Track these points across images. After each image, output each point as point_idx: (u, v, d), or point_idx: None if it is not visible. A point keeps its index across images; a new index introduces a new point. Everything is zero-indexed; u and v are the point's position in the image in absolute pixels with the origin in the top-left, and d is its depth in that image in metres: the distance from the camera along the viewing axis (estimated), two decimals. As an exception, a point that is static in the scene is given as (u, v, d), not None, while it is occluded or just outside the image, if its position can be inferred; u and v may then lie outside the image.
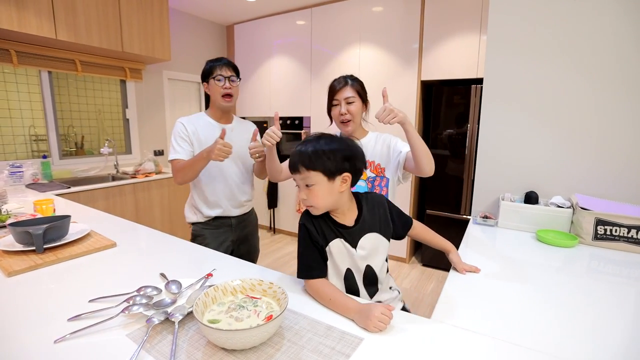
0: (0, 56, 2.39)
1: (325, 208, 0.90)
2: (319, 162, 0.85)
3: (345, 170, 0.88)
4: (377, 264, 0.98)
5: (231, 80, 1.51)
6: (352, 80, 1.31)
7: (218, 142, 1.31)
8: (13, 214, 1.51)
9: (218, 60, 1.52)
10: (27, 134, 2.82)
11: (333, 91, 1.32)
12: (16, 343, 0.70)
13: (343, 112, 1.29)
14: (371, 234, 0.96)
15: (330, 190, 0.87)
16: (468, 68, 2.79)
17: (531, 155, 1.65)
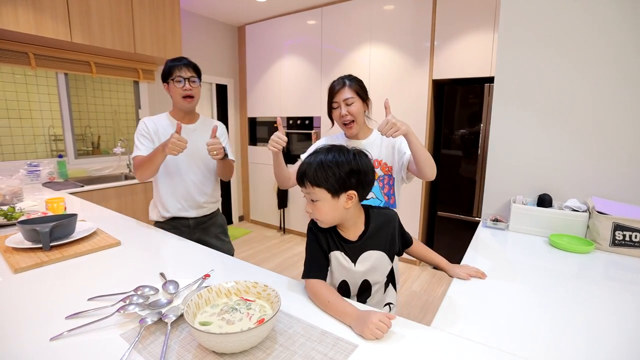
0: (19, 59, 2.48)
1: (330, 223, 0.90)
2: (323, 178, 0.83)
3: (350, 187, 0.85)
4: (375, 281, 0.98)
5: (191, 82, 1.49)
6: (350, 81, 1.28)
7: (173, 136, 1.31)
8: (26, 212, 1.56)
9: (178, 60, 1.49)
10: (47, 134, 2.92)
11: (332, 93, 1.30)
12: (13, 340, 0.71)
13: (344, 114, 1.27)
14: (374, 251, 0.95)
15: (334, 207, 0.86)
16: (481, 66, 2.72)
17: (545, 156, 1.59)
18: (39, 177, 2.55)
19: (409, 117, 3.08)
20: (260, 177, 4.37)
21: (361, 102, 1.29)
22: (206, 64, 3.97)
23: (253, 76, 4.19)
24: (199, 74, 1.53)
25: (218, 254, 1.23)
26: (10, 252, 1.14)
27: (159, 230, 1.46)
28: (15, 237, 1.22)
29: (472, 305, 0.91)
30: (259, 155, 4.33)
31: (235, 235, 4.13)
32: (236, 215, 4.62)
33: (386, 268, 0.99)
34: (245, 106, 4.36)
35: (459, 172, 3.01)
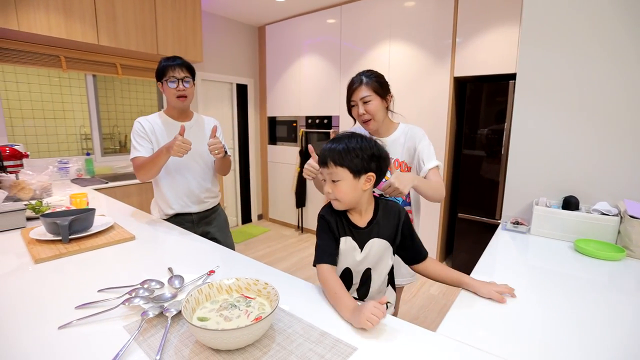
0: (51, 62, 2.62)
1: (348, 204, 0.93)
2: (347, 159, 0.88)
3: (370, 169, 0.91)
4: (377, 270, 0.99)
5: (185, 82, 1.49)
6: (368, 78, 1.25)
7: (177, 138, 1.31)
8: (52, 206, 1.64)
9: (172, 59, 1.49)
10: (78, 133, 3.08)
11: (350, 91, 1.27)
12: (25, 326, 0.74)
13: (361, 113, 1.25)
14: (380, 240, 0.97)
15: (354, 187, 0.90)
16: (506, 63, 2.60)
17: (571, 156, 1.49)
18: (68, 174, 2.68)
19: (428, 116, 3.00)
20: (279, 176, 4.40)
21: (379, 99, 1.25)
22: (227, 64, 4.04)
23: (273, 76, 4.22)
24: (192, 73, 1.53)
25: (226, 250, 1.24)
26: (34, 243, 1.20)
27: (172, 226, 1.49)
28: (38, 230, 1.28)
29: (484, 312, 0.86)
30: (278, 154, 4.36)
31: (254, 233, 4.18)
32: (255, 213, 4.68)
33: (387, 261, 0.99)
34: (265, 105, 4.40)
35: (481, 173, 2.90)
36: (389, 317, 0.81)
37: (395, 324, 0.78)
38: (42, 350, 0.66)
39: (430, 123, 3.00)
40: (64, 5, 2.32)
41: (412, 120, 3.22)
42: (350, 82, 1.27)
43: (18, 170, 1.82)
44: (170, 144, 1.33)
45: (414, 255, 1.00)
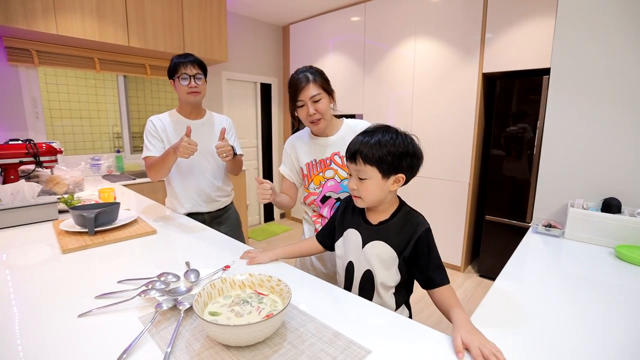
0: (86, 63, 2.76)
1: (371, 203, 0.89)
2: (378, 157, 0.83)
3: (401, 169, 0.85)
4: (380, 278, 0.92)
5: (197, 79, 1.48)
6: (314, 75, 1.16)
7: (183, 139, 1.30)
8: (82, 200, 1.71)
9: (183, 57, 1.48)
10: (110, 132, 3.23)
11: (296, 90, 1.16)
12: (48, 313, 0.77)
13: (312, 113, 1.15)
14: (385, 244, 0.89)
15: (381, 188, 0.86)
16: (539, 57, 2.45)
17: (611, 154, 1.37)
18: (100, 170, 2.81)
19: (455, 115, 2.89)
20: (301, 175, 4.40)
21: (327, 96, 1.18)
22: (251, 64, 4.10)
23: (296, 75, 4.23)
24: (204, 70, 1.52)
25: (244, 246, 1.24)
26: (63, 234, 1.25)
27: (192, 221, 1.52)
28: (68, 222, 1.34)
29: (510, 319, 0.80)
30: (299, 153, 4.36)
31: (275, 231, 4.21)
32: (278, 212, 4.71)
33: (393, 273, 0.90)
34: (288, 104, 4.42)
35: (511, 174, 2.75)
36: (405, 319, 0.77)
37: (411, 326, 0.74)
38: (62, 337, 0.68)
39: (457, 121, 2.89)
40: (98, 9, 2.43)
41: (438, 119, 3.14)
42: (295, 80, 1.17)
43: (53, 165, 1.92)
44: (177, 144, 1.32)
45: (426, 279, 0.86)
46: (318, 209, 1.28)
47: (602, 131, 1.39)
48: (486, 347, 0.62)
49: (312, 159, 1.26)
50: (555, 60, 1.45)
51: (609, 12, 1.32)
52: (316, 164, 1.25)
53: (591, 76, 1.39)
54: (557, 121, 1.48)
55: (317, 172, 1.25)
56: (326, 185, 1.23)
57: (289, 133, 4.48)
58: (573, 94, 1.43)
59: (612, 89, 1.35)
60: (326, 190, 1.24)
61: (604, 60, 1.35)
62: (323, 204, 1.25)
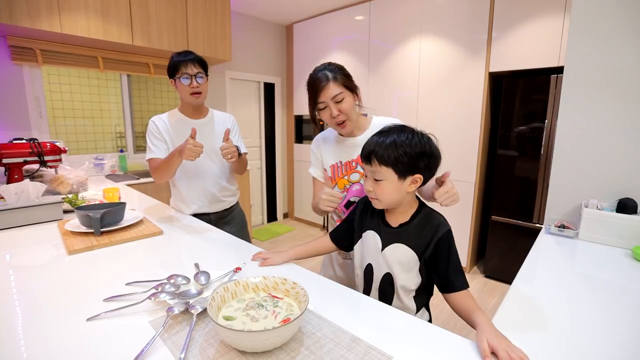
0: (90, 62, 2.74)
1: (388, 204, 0.88)
2: (393, 158, 0.81)
3: (418, 170, 0.83)
4: (400, 281, 0.89)
5: (198, 78, 1.43)
6: (334, 72, 1.07)
7: (188, 141, 1.26)
8: (87, 200, 1.69)
9: (184, 55, 1.43)
10: (113, 132, 3.21)
11: (315, 91, 1.08)
12: (55, 316, 0.75)
13: (335, 115, 1.07)
14: (405, 247, 0.87)
15: (397, 189, 0.84)
16: (548, 56, 2.43)
17: (627, 154, 1.34)
18: (103, 170, 2.79)
19: (461, 114, 2.86)
20: (306, 174, 4.38)
21: (351, 94, 1.09)
22: (254, 63, 4.07)
23: (300, 74, 4.21)
24: (205, 68, 1.47)
25: (253, 247, 1.21)
26: (68, 235, 1.23)
27: (199, 222, 1.49)
28: (73, 222, 1.32)
29: (528, 322, 0.78)
30: (304, 153, 4.34)
31: (279, 231, 4.18)
32: (281, 212, 4.69)
33: (413, 276, 0.88)
34: (292, 104, 4.40)
35: (518, 174, 2.72)
36: (426, 324, 0.75)
37: (432, 331, 0.72)
38: (72, 341, 0.66)
39: (463, 121, 2.86)
40: (102, 7, 2.41)
41: (444, 119, 3.10)
42: (314, 80, 1.08)
43: (57, 165, 1.91)
44: (182, 146, 1.28)
45: (445, 282, 0.83)
46: (342, 214, 1.22)
47: (616, 130, 1.36)
48: (513, 352, 0.60)
49: (337, 161, 1.19)
50: (569, 58, 1.42)
51: (623, 10, 1.29)
52: (341, 166, 1.18)
53: (604, 75, 1.36)
54: (570, 120, 1.45)
55: (342, 175, 1.18)
56: (351, 189, 1.17)
57: (293, 133, 4.46)
58: (586, 94, 1.41)
59: (626, 88, 1.32)
60: (351, 195, 1.17)
61: (617, 59, 1.32)
62: (347, 209, 1.18)
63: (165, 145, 1.51)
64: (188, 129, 1.51)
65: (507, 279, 2.80)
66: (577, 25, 1.39)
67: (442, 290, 0.85)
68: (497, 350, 0.61)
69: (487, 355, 0.61)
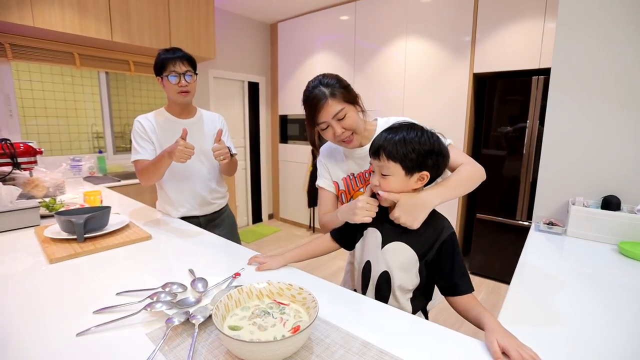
0: (65, 58, 2.60)
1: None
2: (402, 153, 0.81)
3: (425, 167, 0.82)
4: (397, 281, 0.87)
5: (187, 76, 1.38)
6: (331, 88, 0.97)
7: (179, 142, 1.21)
8: (66, 204, 1.60)
9: (171, 52, 1.37)
10: (90, 132, 3.06)
11: (314, 112, 0.97)
12: (43, 332, 0.69)
13: (339, 133, 0.98)
14: (406, 246, 0.86)
15: (404, 185, 0.84)
16: (529, 58, 2.50)
17: (611, 153, 1.40)
18: (81, 172, 2.66)
19: (447, 115, 2.91)
20: (291, 175, 4.34)
21: (353, 107, 1.01)
22: (238, 62, 4.00)
23: (285, 74, 4.17)
24: (194, 66, 1.42)
25: (249, 251, 1.17)
26: (48, 242, 1.15)
27: (189, 225, 1.44)
28: (53, 228, 1.24)
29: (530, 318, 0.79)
30: (289, 153, 4.30)
31: (264, 233, 4.12)
32: (266, 213, 4.63)
33: (412, 276, 0.86)
34: (277, 104, 4.35)
35: (501, 173, 2.80)
36: (433, 325, 0.74)
37: (441, 333, 0.71)
38: (62, 359, 0.61)
39: (448, 121, 2.91)
40: (79, 1, 2.29)
41: (430, 119, 3.14)
42: (311, 99, 0.98)
43: (32, 167, 1.79)
44: (172, 148, 1.22)
45: (450, 285, 0.82)
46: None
47: (601, 130, 1.41)
48: (524, 351, 0.60)
49: (348, 174, 1.13)
50: (556, 61, 1.46)
51: (609, 11, 1.34)
52: (354, 178, 1.12)
53: (590, 77, 1.41)
54: (558, 121, 1.49)
55: (358, 187, 1.11)
56: None
57: (277, 133, 4.41)
58: (573, 95, 1.45)
59: (611, 89, 1.37)
60: None
61: (604, 60, 1.37)
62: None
63: (152, 146, 1.44)
64: (176, 129, 1.46)
65: (492, 275, 2.87)
66: (563, 28, 1.44)
67: (446, 293, 0.84)
68: (508, 350, 0.61)
69: (499, 356, 0.61)
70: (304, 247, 1.04)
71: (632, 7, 1.29)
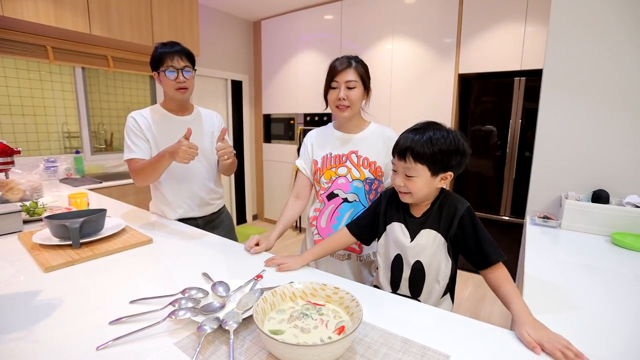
0: (37, 52, 2.41)
1: (419, 199, 0.89)
2: (429, 155, 0.82)
3: (450, 168, 0.85)
4: (429, 267, 0.90)
5: (185, 72, 1.32)
6: (357, 63, 1.13)
7: (182, 143, 1.15)
8: (48, 207, 1.48)
9: (169, 46, 1.32)
10: (60, 131, 2.85)
11: (333, 72, 1.13)
12: (60, 347, 0.63)
13: (342, 97, 1.11)
14: (431, 231, 0.89)
15: (429, 184, 0.85)
16: (511, 60, 2.60)
17: (599, 150, 1.48)
18: (56, 174, 2.48)
19: (433, 114, 2.97)
20: (275, 174, 4.28)
21: (363, 88, 1.14)
22: (221, 60, 3.89)
23: (269, 72, 4.10)
24: (192, 62, 1.37)
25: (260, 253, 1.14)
26: (38, 249, 1.06)
27: (190, 227, 1.37)
28: (41, 234, 1.14)
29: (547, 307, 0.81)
30: (273, 152, 4.24)
31: (250, 234, 4.03)
32: (250, 213, 4.54)
33: (441, 259, 0.89)
34: (261, 103, 4.27)
35: (486, 170, 2.89)
36: (462, 318, 0.74)
37: (475, 326, 0.71)
38: (84, 377, 0.56)
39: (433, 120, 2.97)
40: (53, -10, 2.13)
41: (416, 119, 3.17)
42: (336, 62, 1.14)
43: (8, 168, 1.65)
44: (175, 148, 1.16)
45: (479, 258, 0.84)
46: (322, 204, 1.22)
47: (590, 127, 1.48)
48: (558, 342, 0.61)
49: (328, 152, 1.21)
50: (548, 62, 1.53)
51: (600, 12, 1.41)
52: (331, 157, 1.20)
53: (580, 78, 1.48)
54: (549, 120, 1.56)
55: (330, 166, 1.19)
56: (336, 182, 1.18)
57: (261, 132, 4.33)
58: (564, 95, 1.52)
59: (600, 88, 1.45)
60: (335, 187, 1.19)
61: (595, 60, 1.44)
62: (329, 201, 1.20)
63: (147, 145, 1.37)
64: (173, 127, 1.39)
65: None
66: (555, 31, 1.50)
67: (479, 267, 0.84)
68: (542, 342, 0.62)
69: (536, 347, 0.62)
70: (321, 244, 1.03)
71: (622, 7, 1.37)
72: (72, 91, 2.79)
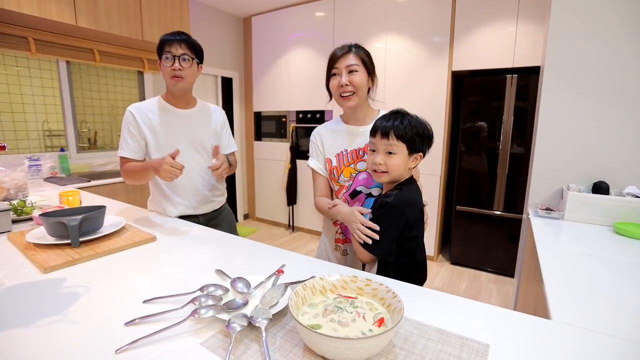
0: (18, 44, 2.28)
1: (394, 178, 0.96)
2: (410, 135, 0.92)
3: (422, 150, 0.96)
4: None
5: (182, 60, 1.27)
6: (357, 48, 1.09)
7: (166, 160, 1.12)
8: (38, 206, 1.39)
9: (173, 34, 1.28)
10: (41, 129, 2.70)
11: (333, 59, 1.08)
12: (75, 352, 0.57)
13: (344, 83, 1.05)
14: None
15: (405, 164, 0.94)
16: (503, 58, 2.65)
17: (599, 142, 1.51)
18: (40, 172, 2.36)
19: (426, 111, 2.99)
20: (267, 173, 4.22)
21: (366, 73, 1.08)
22: (210, 56, 3.80)
23: (260, 69, 4.04)
24: (196, 52, 1.31)
25: (269, 247, 1.10)
26: (33, 249, 0.98)
27: (192, 224, 1.32)
28: (35, 233, 1.07)
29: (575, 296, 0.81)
30: (264, 150, 4.18)
31: (242, 233, 3.94)
32: (241, 213, 4.46)
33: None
34: (251, 100, 4.21)
35: (479, 166, 2.93)
36: (506, 310, 0.73)
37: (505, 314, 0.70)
38: (107, 382, 0.51)
39: (428, 117, 2.87)
40: (35, -21, 2.02)
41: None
42: (336, 50, 1.09)
43: (-8, 165, 1.54)
44: (158, 164, 1.13)
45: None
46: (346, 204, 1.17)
47: (588, 122, 1.51)
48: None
49: (342, 150, 1.15)
50: (549, 58, 1.55)
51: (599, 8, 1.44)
52: (347, 154, 1.14)
53: (580, 73, 1.51)
54: (550, 114, 1.58)
55: (348, 163, 1.13)
56: (357, 178, 1.13)
57: (252, 130, 4.27)
58: (564, 89, 1.55)
59: (599, 84, 1.48)
60: (357, 184, 1.13)
61: (594, 56, 1.47)
62: (352, 199, 1.14)
63: (140, 142, 1.33)
64: (174, 120, 1.35)
65: (471, 264, 3.00)
66: (555, 28, 1.52)
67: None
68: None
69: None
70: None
71: (622, 1, 1.40)
72: (53, 87, 2.65)
